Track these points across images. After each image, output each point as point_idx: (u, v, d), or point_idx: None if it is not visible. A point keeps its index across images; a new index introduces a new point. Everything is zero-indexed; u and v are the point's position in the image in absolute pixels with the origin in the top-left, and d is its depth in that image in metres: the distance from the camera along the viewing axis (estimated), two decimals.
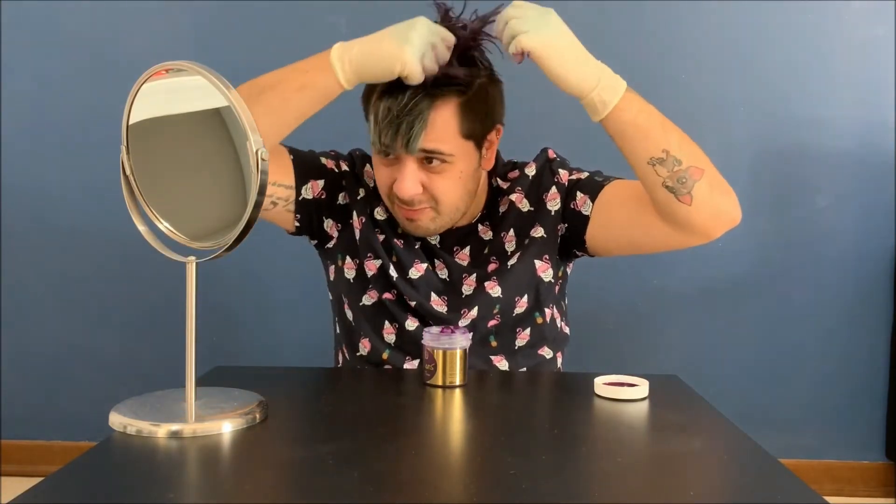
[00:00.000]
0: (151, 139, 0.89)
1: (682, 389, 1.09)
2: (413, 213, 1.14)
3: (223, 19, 2.11)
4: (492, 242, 1.22)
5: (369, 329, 1.23)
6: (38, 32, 2.13)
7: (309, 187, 1.22)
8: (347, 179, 1.25)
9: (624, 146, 1.06)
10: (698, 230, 1.09)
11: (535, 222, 1.21)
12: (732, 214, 1.09)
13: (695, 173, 1.05)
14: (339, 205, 1.25)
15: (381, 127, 1.08)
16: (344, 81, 1.06)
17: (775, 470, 0.77)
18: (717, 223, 1.08)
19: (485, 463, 0.78)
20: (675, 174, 1.04)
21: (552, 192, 1.21)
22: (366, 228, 1.22)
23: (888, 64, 2.08)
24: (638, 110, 1.04)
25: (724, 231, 1.09)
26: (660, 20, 2.09)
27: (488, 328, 1.21)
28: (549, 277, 1.23)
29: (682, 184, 1.04)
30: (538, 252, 1.21)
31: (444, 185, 1.12)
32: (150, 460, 0.78)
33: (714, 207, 1.07)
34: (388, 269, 1.20)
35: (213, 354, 2.05)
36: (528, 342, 1.23)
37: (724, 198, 1.07)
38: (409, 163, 1.10)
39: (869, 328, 2.15)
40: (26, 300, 2.20)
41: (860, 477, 2.18)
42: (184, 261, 0.86)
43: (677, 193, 1.05)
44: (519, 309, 1.21)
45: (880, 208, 2.12)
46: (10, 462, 2.20)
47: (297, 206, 1.22)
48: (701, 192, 1.05)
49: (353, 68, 1.05)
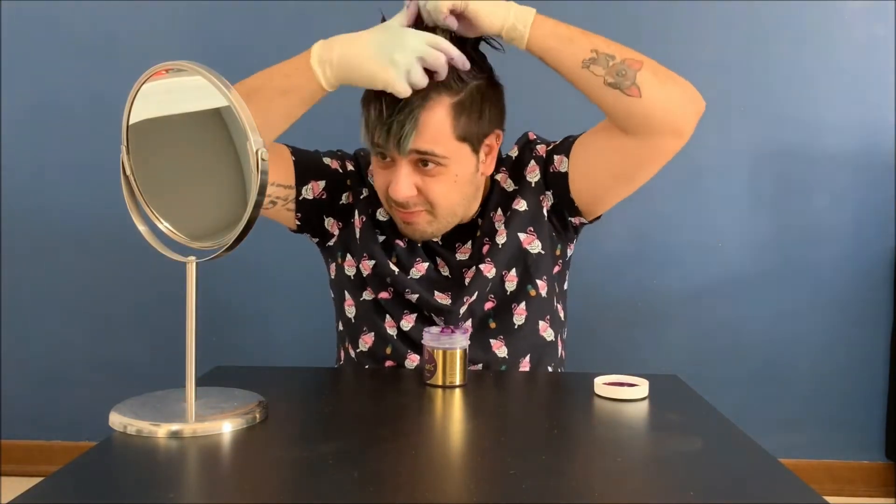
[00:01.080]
0: (151, 139, 0.89)
1: (682, 389, 1.09)
2: (409, 216, 1.14)
3: (223, 19, 2.11)
4: (484, 227, 1.22)
5: (371, 325, 1.23)
6: (38, 32, 2.13)
7: (309, 188, 1.22)
8: (352, 179, 1.25)
9: (555, 61, 1.07)
10: (664, 126, 1.07)
11: (518, 195, 1.22)
12: (692, 99, 1.08)
13: (633, 64, 1.04)
14: (342, 204, 1.25)
15: (373, 127, 1.09)
16: (326, 85, 1.07)
17: (775, 470, 0.77)
18: (679, 112, 1.07)
19: (485, 463, 0.78)
20: (612, 69, 1.04)
21: (531, 166, 1.23)
22: (366, 228, 1.23)
23: (888, 64, 2.09)
24: (554, 24, 1.06)
25: (693, 120, 1.08)
26: (660, 20, 2.09)
27: (485, 311, 1.21)
28: (536, 249, 1.22)
29: (624, 76, 1.04)
30: (521, 224, 1.21)
31: (439, 189, 1.12)
32: (150, 460, 0.78)
33: (667, 94, 1.05)
34: (383, 269, 1.20)
35: (213, 354, 2.05)
36: (526, 318, 1.22)
37: (675, 84, 1.06)
38: (403, 165, 1.10)
39: (869, 328, 2.15)
40: (26, 300, 2.20)
41: (860, 477, 2.18)
42: (184, 261, 0.86)
43: (622, 87, 1.04)
44: (510, 284, 1.21)
45: (880, 208, 2.12)
46: (10, 462, 2.20)
47: (297, 206, 1.22)
48: (646, 80, 1.04)
49: (335, 73, 1.05)
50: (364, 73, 1.03)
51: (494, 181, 1.23)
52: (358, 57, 1.04)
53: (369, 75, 1.03)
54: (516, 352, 1.21)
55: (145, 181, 0.89)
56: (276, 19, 2.09)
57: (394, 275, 1.20)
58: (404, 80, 1.03)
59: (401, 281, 1.20)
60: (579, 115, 1.25)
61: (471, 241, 1.23)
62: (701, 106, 1.09)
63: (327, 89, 1.07)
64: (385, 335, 1.22)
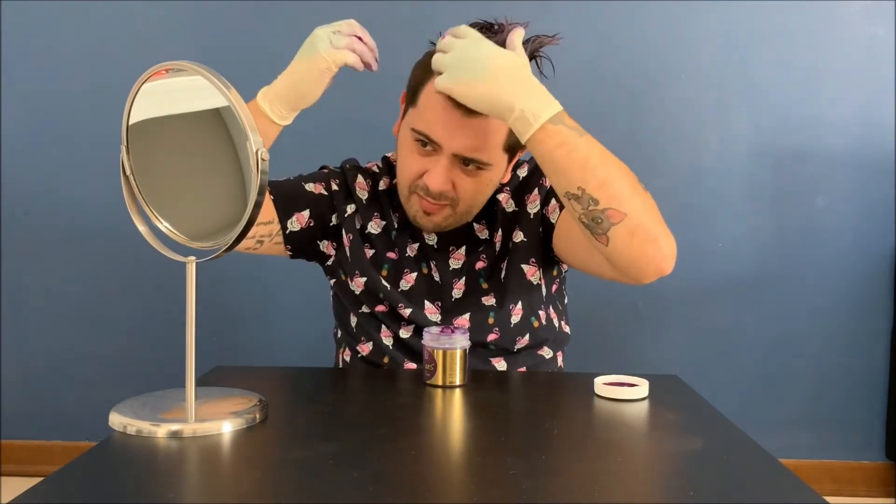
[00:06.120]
0: (151, 139, 0.89)
1: (682, 389, 1.09)
2: (432, 207, 1.14)
3: (223, 19, 2.11)
4: (486, 242, 1.23)
5: (367, 335, 1.24)
6: (38, 32, 2.13)
7: (294, 220, 1.22)
8: (336, 198, 1.25)
9: (546, 175, 1.03)
10: (623, 273, 1.05)
11: (516, 225, 1.22)
12: (658, 263, 1.01)
13: (613, 216, 0.98)
14: (332, 226, 1.25)
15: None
16: (276, 118, 1.11)
17: (775, 470, 0.77)
18: (638, 271, 1.03)
19: (485, 463, 0.78)
20: (590, 213, 0.99)
21: (534, 195, 1.22)
22: (354, 245, 1.23)
23: (888, 64, 2.09)
24: (556, 144, 0.98)
25: (651, 277, 1.04)
26: (660, 21, 2.09)
27: (487, 342, 1.21)
28: (536, 280, 1.23)
29: (598, 224, 0.99)
30: (524, 256, 1.22)
31: (471, 189, 1.14)
32: (150, 460, 0.78)
33: (632, 254, 1.00)
34: (375, 285, 1.21)
35: (213, 354, 2.05)
36: (527, 345, 1.24)
37: (647, 246, 1.00)
38: (447, 158, 1.10)
39: (869, 328, 2.15)
40: (26, 300, 2.20)
41: (860, 477, 2.18)
42: (184, 261, 0.86)
43: (593, 232, 1.01)
44: (515, 317, 1.22)
45: (880, 208, 2.12)
46: (10, 462, 2.20)
47: (285, 240, 1.22)
48: (617, 236, 0.99)
49: (280, 100, 1.10)
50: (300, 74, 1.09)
51: (496, 198, 1.23)
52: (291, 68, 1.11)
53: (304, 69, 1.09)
54: (516, 366, 1.23)
55: (145, 181, 0.89)
56: (277, 19, 2.09)
57: (386, 290, 1.21)
58: (332, 48, 1.08)
59: (394, 296, 1.21)
60: (578, 118, 1.25)
61: (465, 247, 1.23)
62: (665, 269, 1.03)
63: (278, 123, 1.12)
64: (381, 345, 1.22)
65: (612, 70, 2.10)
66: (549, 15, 2.01)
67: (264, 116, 1.10)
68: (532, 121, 0.97)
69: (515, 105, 0.97)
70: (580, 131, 0.99)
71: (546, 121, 0.97)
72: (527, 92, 0.99)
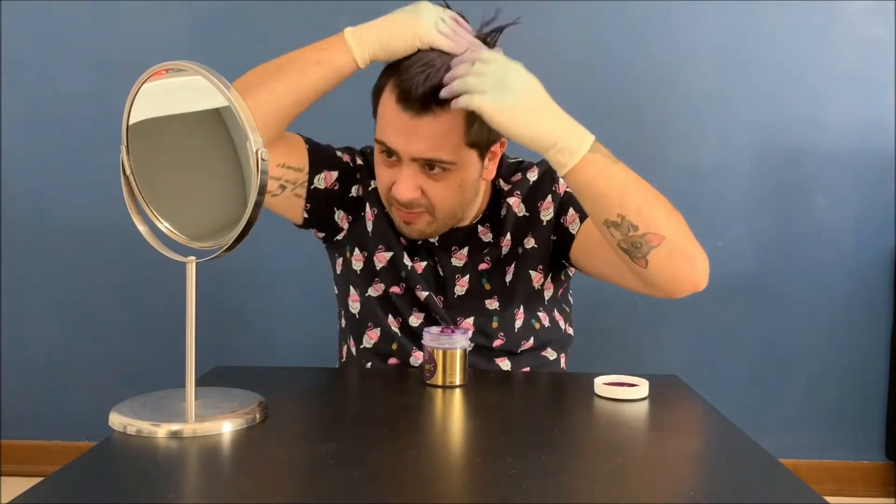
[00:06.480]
0: (151, 139, 0.89)
1: (682, 389, 1.09)
2: (410, 217, 1.14)
3: (222, 19, 2.11)
4: (491, 245, 1.23)
5: (376, 321, 1.23)
6: (38, 32, 2.13)
7: (322, 177, 1.21)
8: (362, 172, 1.25)
9: (583, 203, 1.06)
10: (658, 290, 1.08)
11: (528, 231, 1.22)
12: (694, 280, 1.06)
13: (652, 240, 1.02)
14: (352, 197, 1.24)
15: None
16: (359, 59, 1.09)
17: (775, 470, 0.77)
18: (675, 288, 1.07)
19: (485, 463, 0.78)
20: (630, 238, 1.02)
21: (547, 201, 1.21)
22: (379, 220, 1.23)
23: (888, 64, 2.09)
24: (594, 174, 1.00)
25: (686, 293, 1.08)
26: (660, 20, 2.09)
27: (493, 347, 1.22)
28: (539, 285, 1.23)
29: (637, 248, 1.02)
30: (533, 263, 1.22)
31: (442, 192, 1.12)
32: (150, 460, 0.78)
33: (670, 274, 1.04)
34: (399, 261, 1.21)
35: (214, 354, 2.05)
36: (531, 346, 1.24)
37: (683, 265, 1.04)
38: (408, 166, 1.10)
39: (869, 328, 2.15)
40: (26, 300, 2.20)
41: (860, 477, 2.18)
42: (184, 261, 0.86)
43: (632, 256, 1.03)
44: (518, 321, 1.22)
45: (880, 208, 2.12)
46: (10, 462, 2.20)
47: (307, 195, 1.21)
48: (657, 258, 1.02)
49: (369, 45, 1.08)
50: (396, 29, 1.08)
51: (507, 204, 1.22)
52: (386, 20, 1.09)
53: (402, 29, 1.07)
54: (519, 367, 1.23)
55: (145, 181, 0.89)
56: (277, 19, 2.09)
57: (408, 268, 1.21)
58: (434, 27, 1.06)
59: (414, 277, 1.21)
60: (578, 118, 1.25)
61: (467, 248, 1.23)
62: (700, 284, 1.07)
63: (359, 64, 1.10)
64: (390, 331, 1.22)
65: (613, 70, 2.10)
66: (549, 15, 2.02)
67: (347, 53, 1.09)
68: (573, 153, 0.99)
69: (558, 139, 0.99)
70: (613, 159, 1.01)
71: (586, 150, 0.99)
72: (564, 124, 1.01)
